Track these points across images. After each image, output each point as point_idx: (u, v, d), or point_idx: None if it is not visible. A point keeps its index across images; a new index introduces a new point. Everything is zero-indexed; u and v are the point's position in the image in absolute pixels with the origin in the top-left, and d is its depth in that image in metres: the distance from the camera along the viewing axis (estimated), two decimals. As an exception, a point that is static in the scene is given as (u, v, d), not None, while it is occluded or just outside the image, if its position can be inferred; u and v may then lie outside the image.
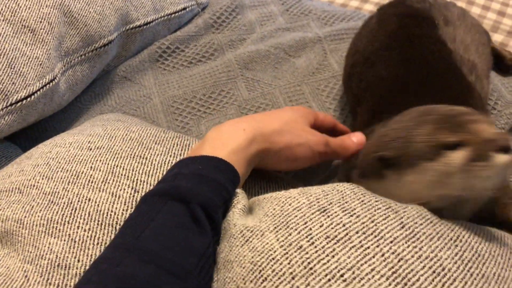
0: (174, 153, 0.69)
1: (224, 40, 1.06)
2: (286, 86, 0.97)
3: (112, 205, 0.58)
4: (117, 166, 0.64)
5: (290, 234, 0.45)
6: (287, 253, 0.43)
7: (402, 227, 0.47)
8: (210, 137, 0.61)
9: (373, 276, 0.42)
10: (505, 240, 0.54)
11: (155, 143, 0.70)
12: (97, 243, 0.55)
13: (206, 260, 0.49)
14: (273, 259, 0.43)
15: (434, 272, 0.43)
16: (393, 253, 0.44)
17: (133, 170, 0.64)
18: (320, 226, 0.46)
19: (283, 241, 0.45)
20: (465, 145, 0.51)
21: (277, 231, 0.46)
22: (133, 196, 0.60)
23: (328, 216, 0.47)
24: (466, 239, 0.49)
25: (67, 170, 0.62)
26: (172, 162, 0.66)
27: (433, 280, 0.42)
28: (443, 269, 0.43)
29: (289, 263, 0.43)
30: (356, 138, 0.70)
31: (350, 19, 1.09)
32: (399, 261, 0.43)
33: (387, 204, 0.50)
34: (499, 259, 0.48)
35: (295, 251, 0.44)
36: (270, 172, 0.70)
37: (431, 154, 0.52)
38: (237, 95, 0.96)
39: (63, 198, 0.58)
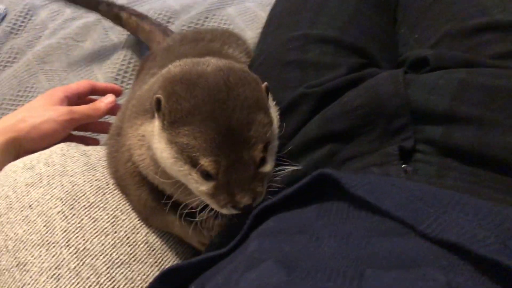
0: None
1: (23, 42, 1.23)
2: (78, 69, 1.15)
3: None
4: None
5: (7, 195, 0.66)
6: None
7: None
8: None
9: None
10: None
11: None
12: None
13: None
14: None
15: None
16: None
17: None
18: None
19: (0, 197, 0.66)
20: (217, 180, 0.55)
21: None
22: None
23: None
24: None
25: None
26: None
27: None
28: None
29: None
30: (107, 100, 0.90)
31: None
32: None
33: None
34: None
35: (2, 199, 0.65)
36: None
37: (189, 158, 0.55)
38: (39, 88, 1.14)
39: None
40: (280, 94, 0.71)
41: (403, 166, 0.56)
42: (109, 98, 0.90)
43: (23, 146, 0.81)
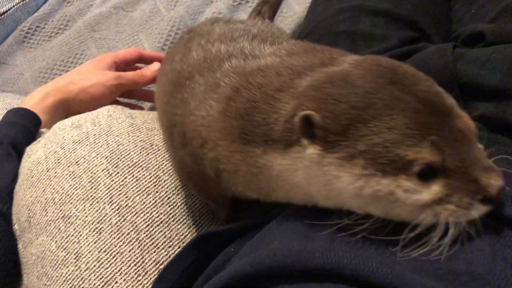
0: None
1: (74, 10, 1.25)
2: (126, 38, 1.17)
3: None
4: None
5: (56, 151, 0.68)
6: (46, 157, 0.67)
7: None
8: (26, 98, 0.83)
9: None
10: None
11: (6, 110, 0.92)
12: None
13: (16, 176, 0.72)
14: (38, 163, 0.67)
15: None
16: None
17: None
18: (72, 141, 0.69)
19: (48, 152, 0.68)
20: (444, 173, 0.39)
21: (45, 147, 0.69)
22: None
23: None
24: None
25: None
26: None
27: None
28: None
29: (46, 163, 0.66)
30: (153, 67, 0.91)
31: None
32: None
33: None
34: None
35: (51, 154, 0.67)
36: None
37: (390, 164, 0.39)
38: (89, 55, 1.16)
39: None
40: None
41: None
42: (155, 66, 0.92)
43: (71, 107, 0.84)
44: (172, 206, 0.65)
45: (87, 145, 0.68)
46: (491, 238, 0.38)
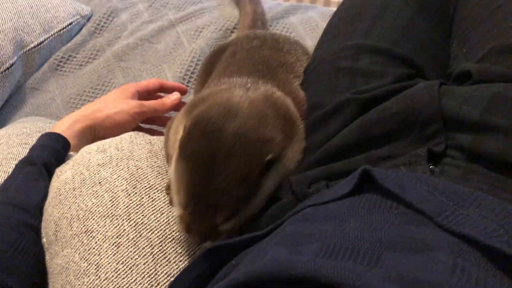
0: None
1: (104, 41, 1.35)
2: (150, 68, 1.26)
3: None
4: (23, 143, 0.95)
5: (82, 173, 0.76)
6: (73, 177, 0.75)
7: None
8: (57, 123, 0.92)
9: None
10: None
11: (39, 132, 1.01)
12: None
13: (46, 194, 0.80)
14: (65, 183, 0.75)
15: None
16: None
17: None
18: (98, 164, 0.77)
19: (75, 173, 0.76)
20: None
21: (73, 168, 0.77)
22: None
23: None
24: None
25: None
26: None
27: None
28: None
29: (73, 183, 0.74)
30: (173, 97, 1.00)
31: (199, 2, 1.37)
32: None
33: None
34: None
35: (77, 175, 0.75)
36: None
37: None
38: (116, 83, 1.26)
39: None
40: (329, 97, 0.77)
41: (430, 167, 0.60)
42: (175, 96, 1.00)
43: (97, 132, 0.92)
44: (183, 225, 0.72)
45: (110, 167, 0.76)
46: (453, 253, 0.43)
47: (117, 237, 0.68)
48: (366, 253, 0.44)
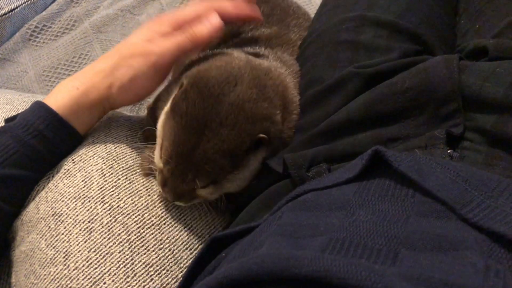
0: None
1: (82, 11, 1.26)
2: (131, 40, 1.17)
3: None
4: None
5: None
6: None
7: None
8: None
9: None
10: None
11: (7, 104, 0.92)
12: None
13: None
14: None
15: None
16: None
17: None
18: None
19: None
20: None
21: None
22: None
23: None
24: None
25: None
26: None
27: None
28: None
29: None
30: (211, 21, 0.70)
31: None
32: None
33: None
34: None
35: None
36: None
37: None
38: (93, 55, 1.17)
39: None
40: (329, 72, 0.70)
41: (449, 151, 0.53)
42: (214, 19, 0.70)
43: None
44: (163, 209, 0.64)
45: (85, 144, 0.68)
46: (484, 253, 0.37)
47: (89, 222, 0.60)
48: (381, 250, 0.38)
